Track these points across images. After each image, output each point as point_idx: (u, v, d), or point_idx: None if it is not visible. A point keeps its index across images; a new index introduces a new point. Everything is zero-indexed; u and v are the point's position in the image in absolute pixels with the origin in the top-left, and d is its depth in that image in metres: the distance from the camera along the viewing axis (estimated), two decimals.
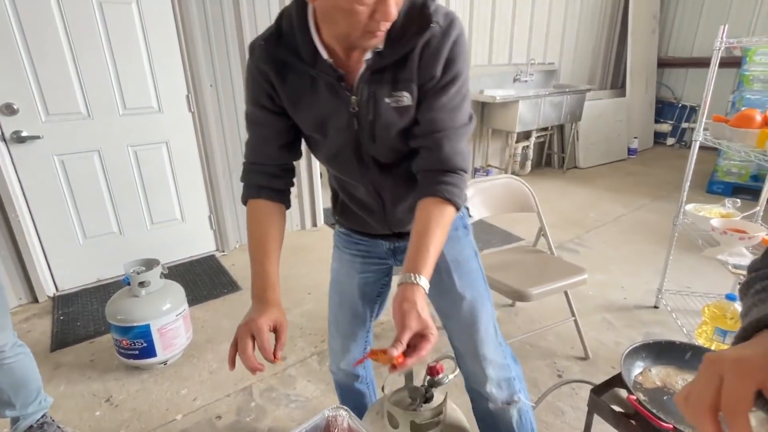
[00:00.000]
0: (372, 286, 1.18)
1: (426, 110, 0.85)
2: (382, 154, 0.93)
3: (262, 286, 0.86)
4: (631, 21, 4.93)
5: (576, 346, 1.92)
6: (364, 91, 0.84)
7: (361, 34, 0.74)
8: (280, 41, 0.84)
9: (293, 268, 2.71)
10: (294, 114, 0.91)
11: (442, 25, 0.80)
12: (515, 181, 1.95)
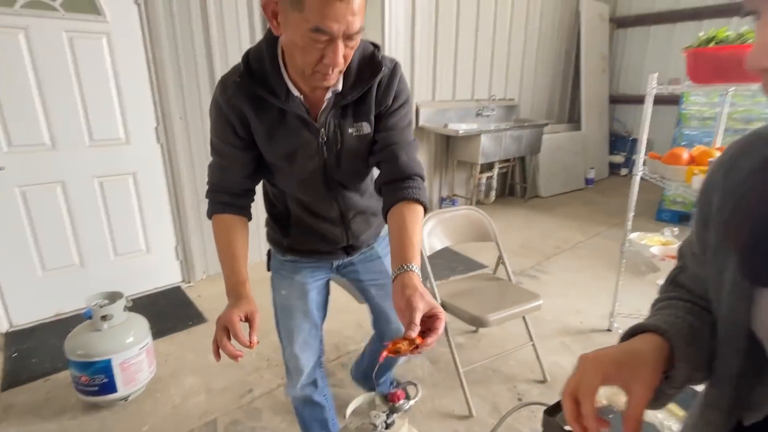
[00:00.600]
0: (322, 294, 1.32)
1: (381, 130, 1.03)
2: (345, 177, 1.09)
3: (233, 284, 0.98)
4: (584, 60, 5.33)
5: (535, 369, 2.00)
6: (331, 124, 1.00)
7: (312, 72, 0.87)
8: (253, 79, 0.94)
9: (259, 299, 2.66)
10: (266, 145, 1.01)
11: (389, 67, 1.00)
12: (474, 212, 2.06)
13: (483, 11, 4.29)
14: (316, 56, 0.83)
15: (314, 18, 0.77)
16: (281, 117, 0.97)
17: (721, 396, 0.50)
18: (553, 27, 5.12)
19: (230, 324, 0.88)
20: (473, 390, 1.86)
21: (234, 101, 0.95)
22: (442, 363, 2.09)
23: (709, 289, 0.54)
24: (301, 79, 0.92)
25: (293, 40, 0.82)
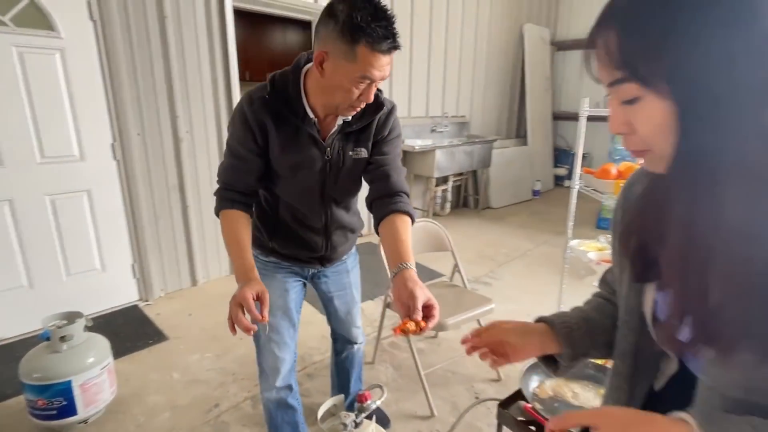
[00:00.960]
0: (299, 295, 1.44)
1: (377, 154, 1.24)
2: (339, 192, 1.28)
3: (243, 269, 1.08)
4: (528, 80, 5.72)
5: (490, 370, 2.15)
6: (336, 146, 1.20)
7: (347, 107, 1.09)
8: (278, 98, 1.13)
9: (223, 314, 2.67)
10: (279, 155, 1.18)
11: (388, 107, 1.24)
12: (432, 224, 2.21)
13: (435, 34, 4.54)
14: (355, 96, 1.05)
15: (363, 68, 0.99)
16: (296, 133, 1.16)
17: (623, 365, 0.64)
18: (500, 49, 5.48)
19: (245, 301, 0.98)
20: (434, 392, 1.98)
21: (259, 113, 1.13)
22: (404, 369, 2.20)
23: (616, 283, 0.68)
24: (329, 109, 1.14)
25: (340, 83, 1.03)
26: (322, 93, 1.11)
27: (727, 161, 0.42)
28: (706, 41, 0.40)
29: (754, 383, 0.46)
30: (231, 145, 1.19)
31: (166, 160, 2.80)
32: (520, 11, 5.62)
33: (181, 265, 3.02)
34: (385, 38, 0.98)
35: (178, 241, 2.96)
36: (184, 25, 2.73)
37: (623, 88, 0.46)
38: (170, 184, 2.85)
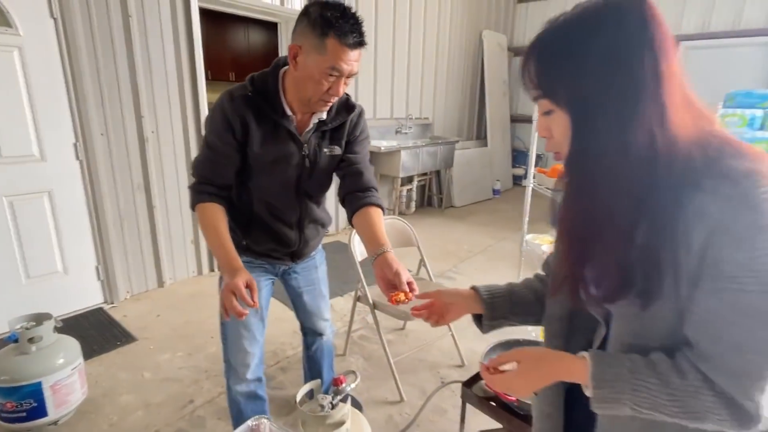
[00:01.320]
0: (269, 293, 1.51)
1: (350, 153, 1.35)
2: (313, 187, 1.37)
3: (228, 259, 1.15)
4: (487, 84, 5.98)
5: (455, 356, 2.30)
6: (312, 142, 1.29)
7: (317, 100, 1.17)
8: (258, 95, 1.21)
9: (193, 313, 2.72)
10: (259, 149, 1.24)
11: (358, 110, 1.36)
12: (399, 221, 2.32)
13: (398, 39, 4.68)
14: (324, 88, 1.13)
15: (332, 60, 1.08)
16: (275, 129, 1.24)
17: (560, 327, 0.78)
18: (460, 54, 5.70)
19: (237, 288, 1.06)
20: (403, 378, 2.09)
21: (240, 109, 1.20)
22: (374, 359, 2.31)
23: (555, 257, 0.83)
24: (304, 105, 1.22)
25: (310, 75, 1.11)
26: (296, 87, 1.19)
27: (599, 161, 0.57)
28: (589, 76, 0.55)
29: (637, 328, 0.61)
30: (210, 140, 1.24)
31: (131, 160, 2.78)
32: (479, 18, 5.87)
33: (148, 267, 2.99)
34: (352, 33, 1.08)
35: (144, 242, 2.93)
36: (149, 24, 2.71)
37: (541, 102, 0.63)
38: (135, 185, 2.82)
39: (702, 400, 0.54)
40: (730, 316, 0.52)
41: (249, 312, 1.41)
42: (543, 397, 0.83)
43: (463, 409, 1.63)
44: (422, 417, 1.86)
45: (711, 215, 0.51)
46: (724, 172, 0.52)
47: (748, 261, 0.50)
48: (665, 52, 0.54)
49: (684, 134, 0.55)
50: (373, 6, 4.29)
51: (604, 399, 0.59)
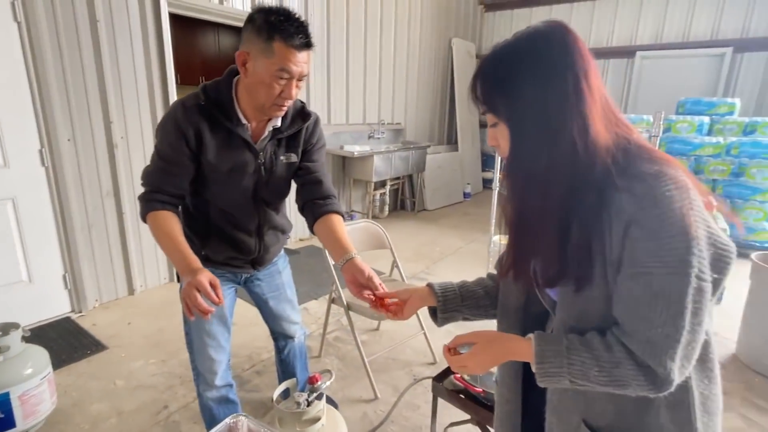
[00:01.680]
0: (233, 300, 1.51)
1: (307, 161, 1.38)
2: (271, 195, 1.37)
3: (186, 261, 1.13)
4: (457, 90, 6.15)
5: (427, 354, 2.38)
6: (268, 150, 1.30)
7: (270, 105, 1.18)
8: (211, 104, 1.21)
9: (166, 320, 2.70)
10: (214, 158, 1.24)
11: (313, 118, 1.38)
12: (372, 225, 2.39)
13: (369, 46, 4.77)
14: (277, 91, 1.14)
15: (280, 62, 1.10)
16: (230, 137, 1.24)
17: (516, 319, 0.86)
18: (431, 61, 5.84)
19: (201, 286, 1.05)
20: (377, 377, 2.16)
21: (194, 118, 1.19)
22: (349, 359, 2.36)
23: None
24: (258, 111, 1.22)
25: (261, 79, 1.13)
26: (249, 94, 1.20)
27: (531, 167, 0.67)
28: (522, 94, 0.66)
29: (576, 313, 0.70)
30: (161, 149, 1.23)
31: (99, 167, 2.74)
32: (448, 26, 6.03)
33: (117, 274, 2.94)
34: (297, 34, 1.10)
35: (113, 249, 2.89)
36: (117, 29, 2.69)
37: (488, 116, 0.72)
38: (104, 191, 2.78)
39: (625, 370, 0.62)
40: (643, 296, 0.61)
41: (213, 318, 1.41)
42: (503, 384, 0.92)
43: (434, 403, 1.70)
44: (396, 413, 1.93)
45: (626, 210, 0.61)
46: (637, 173, 0.62)
47: (656, 249, 0.59)
48: (585, 72, 0.64)
49: (604, 142, 0.64)
50: (344, 13, 4.37)
51: (546, 373, 0.67)
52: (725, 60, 5.05)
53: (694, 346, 0.62)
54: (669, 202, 0.59)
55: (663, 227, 0.59)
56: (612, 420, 0.72)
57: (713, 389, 0.73)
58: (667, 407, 0.69)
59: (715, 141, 4.26)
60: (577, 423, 0.75)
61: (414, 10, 5.33)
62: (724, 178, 4.25)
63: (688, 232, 0.58)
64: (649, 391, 0.63)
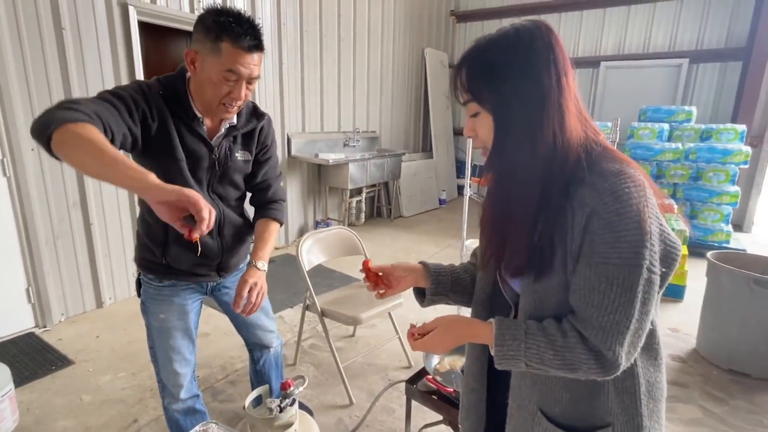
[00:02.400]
0: (198, 314, 1.48)
1: (259, 165, 1.42)
2: (225, 190, 1.36)
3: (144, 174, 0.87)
4: (431, 99, 6.26)
5: (402, 358, 2.40)
6: (223, 146, 1.31)
7: (218, 105, 1.18)
8: (169, 95, 1.19)
9: (136, 333, 2.63)
10: (170, 146, 1.19)
11: (267, 118, 1.42)
12: (345, 231, 2.41)
13: (343, 56, 4.82)
14: (225, 91, 1.14)
15: (228, 63, 1.10)
16: (186, 130, 1.22)
17: (483, 311, 0.89)
18: (404, 70, 5.94)
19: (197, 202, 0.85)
20: (352, 383, 2.16)
21: (158, 101, 1.17)
22: (324, 366, 2.36)
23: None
24: (207, 110, 1.22)
25: (208, 78, 1.13)
26: (198, 91, 1.18)
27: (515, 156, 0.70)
28: (508, 84, 0.69)
29: (535, 302, 0.74)
30: (115, 91, 1.09)
31: (65, 177, 2.67)
32: (421, 37, 6.15)
33: (85, 287, 2.86)
34: (246, 35, 1.09)
35: (80, 261, 2.81)
36: (84, 38, 2.65)
37: (470, 106, 0.75)
38: (71, 202, 2.71)
39: (577, 354, 0.66)
40: (597, 283, 0.65)
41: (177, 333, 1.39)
42: (470, 374, 0.94)
43: (408, 406, 1.72)
44: (371, 417, 1.94)
45: (589, 204, 0.65)
46: (600, 171, 0.67)
47: (613, 240, 0.64)
48: (565, 70, 0.69)
49: (576, 140, 0.69)
50: (317, 23, 4.41)
51: (504, 355, 0.71)
52: (682, 70, 5.32)
53: (640, 334, 0.67)
54: (627, 198, 0.63)
55: (621, 221, 0.63)
56: (566, 407, 0.76)
57: (658, 377, 0.78)
58: (616, 393, 0.74)
59: (674, 147, 4.47)
60: (534, 410, 0.79)
61: (387, 20, 5.42)
62: (684, 182, 4.46)
63: (643, 227, 0.63)
64: (597, 374, 0.67)
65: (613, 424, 0.74)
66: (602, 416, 0.75)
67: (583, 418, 0.76)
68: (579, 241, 0.66)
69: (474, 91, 0.72)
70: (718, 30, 5.12)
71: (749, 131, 4.67)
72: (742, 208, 5.13)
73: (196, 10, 3.30)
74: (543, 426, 0.78)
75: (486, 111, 0.72)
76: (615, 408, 0.74)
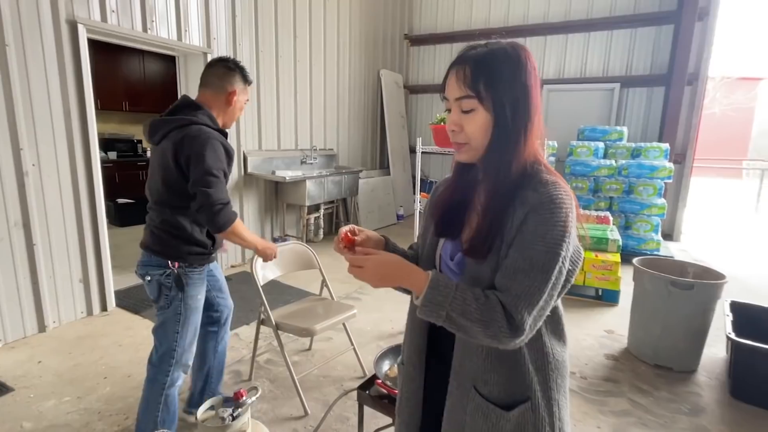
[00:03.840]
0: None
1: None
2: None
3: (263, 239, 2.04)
4: (387, 118, 6.46)
5: (357, 369, 2.47)
6: None
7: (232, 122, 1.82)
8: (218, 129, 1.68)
9: (83, 356, 2.55)
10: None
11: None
12: (300, 246, 2.48)
13: (299, 75, 4.93)
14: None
15: (247, 95, 1.80)
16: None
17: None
18: (361, 90, 6.12)
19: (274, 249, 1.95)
20: (308, 395, 2.20)
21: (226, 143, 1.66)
22: (280, 380, 2.38)
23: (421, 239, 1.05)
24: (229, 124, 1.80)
25: (240, 107, 1.77)
26: (227, 117, 1.75)
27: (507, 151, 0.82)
28: (508, 89, 0.80)
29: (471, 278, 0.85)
30: (219, 167, 1.58)
31: (6, 196, 2.58)
32: (376, 58, 6.38)
33: (26, 311, 2.74)
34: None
35: (21, 284, 2.70)
36: (30, 54, 2.61)
37: (465, 102, 0.82)
38: (12, 222, 2.62)
39: (494, 312, 0.77)
40: (522, 264, 0.78)
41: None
42: (410, 363, 1.03)
43: (360, 412, 1.79)
44: (326, 426, 1.99)
45: (529, 203, 0.79)
46: (541, 179, 0.82)
47: (543, 233, 0.77)
48: (539, 86, 0.83)
49: (535, 148, 0.84)
50: (273, 44, 4.51)
51: (431, 300, 0.79)
52: (615, 94, 5.82)
53: (544, 312, 0.81)
54: (560, 203, 0.78)
55: (551, 219, 0.77)
56: (494, 386, 0.88)
57: (564, 356, 0.92)
58: (534, 371, 0.87)
59: (609, 163, 4.87)
60: (469, 387, 0.90)
61: (343, 43, 5.60)
62: (618, 196, 4.85)
63: (567, 227, 0.78)
64: (504, 335, 0.77)
65: (531, 398, 0.87)
66: (523, 391, 0.87)
67: (509, 394, 0.88)
68: (514, 233, 0.80)
69: (477, 89, 0.80)
70: (644, 58, 5.67)
71: (672, 149, 5.16)
72: (671, 219, 5.62)
73: (149, 30, 3.31)
74: (476, 401, 0.88)
75: (485, 110, 0.81)
76: (533, 384, 0.87)
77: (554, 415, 0.89)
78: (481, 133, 0.82)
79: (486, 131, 0.82)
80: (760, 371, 2.21)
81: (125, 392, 2.24)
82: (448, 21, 6.88)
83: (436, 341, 1.01)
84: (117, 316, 3.12)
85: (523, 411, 0.87)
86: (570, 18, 6.00)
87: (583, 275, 3.51)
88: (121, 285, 3.63)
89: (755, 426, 2.09)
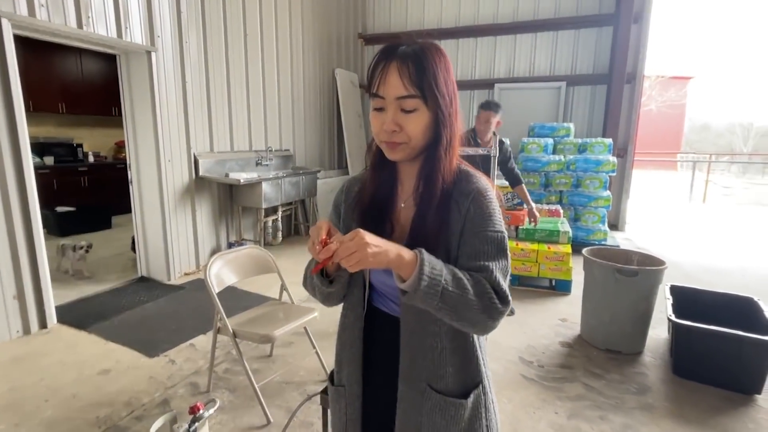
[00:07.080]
0: None
1: None
2: None
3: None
4: (344, 118, 6.42)
5: (321, 372, 2.43)
6: None
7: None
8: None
9: (20, 379, 2.36)
10: None
11: None
12: (256, 249, 2.41)
13: (252, 74, 4.80)
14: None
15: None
16: None
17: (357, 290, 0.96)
18: (316, 89, 6.04)
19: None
20: (270, 402, 2.15)
21: None
22: (240, 390, 2.31)
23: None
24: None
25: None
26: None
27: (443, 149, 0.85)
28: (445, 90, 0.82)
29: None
30: None
31: None
32: (331, 57, 6.32)
33: None
34: None
35: None
36: None
37: (408, 102, 0.79)
38: None
39: (481, 283, 0.79)
40: (482, 246, 0.83)
41: None
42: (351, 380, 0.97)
43: (324, 416, 1.76)
44: None
45: (471, 194, 0.85)
46: (467, 172, 0.89)
47: (488, 218, 0.84)
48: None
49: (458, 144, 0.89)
50: (222, 43, 4.36)
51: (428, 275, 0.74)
52: (561, 92, 6.08)
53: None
54: (491, 194, 0.87)
55: (490, 206, 0.85)
56: (450, 378, 0.88)
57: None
58: (481, 353, 0.93)
59: (558, 159, 5.08)
60: (423, 387, 0.89)
61: (296, 41, 5.50)
62: (568, 189, 5.07)
63: (501, 213, 0.88)
64: (495, 304, 0.79)
65: (482, 380, 0.91)
66: (474, 377, 0.91)
67: (463, 383, 0.89)
68: (462, 223, 0.84)
69: (422, 88, 0.79)
70: (588, 58, 5.96)
71: (615, 144, 5.46)
72: (616, 210, 5.96)
73: (85, 26, 3.10)
74: (433, 400, 0.88)
75: (427, 109, 0.81)
76: (482, 367, 0.92)
77: (492, 390, 0.96)
78: (422, 133, 0.82)
79: (426, 131, 0.83)
80: (696, 349, 2.38)
81: (70, 414, 2.09)
82: (401, 21, 6.93)
83: (369, 352, 0.97)
84: (59, 333, 2.91)
85: (478, 394, 0.91)
86: (518, 19, 6.20)
87: (537, 267, 3.65)
88: (64, 299, 3.39)
89: (695, 400, 2.25)
